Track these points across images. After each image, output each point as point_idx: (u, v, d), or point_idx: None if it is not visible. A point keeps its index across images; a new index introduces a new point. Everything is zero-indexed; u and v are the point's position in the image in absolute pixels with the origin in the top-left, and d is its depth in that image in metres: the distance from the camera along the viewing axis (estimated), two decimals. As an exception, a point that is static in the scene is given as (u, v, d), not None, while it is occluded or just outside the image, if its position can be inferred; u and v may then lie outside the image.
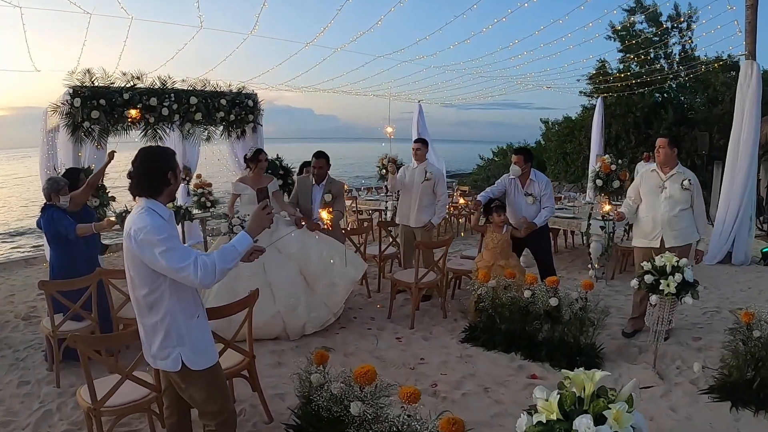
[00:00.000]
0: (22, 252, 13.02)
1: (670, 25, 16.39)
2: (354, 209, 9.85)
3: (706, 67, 13.70)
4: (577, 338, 4.07)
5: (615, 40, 17.09)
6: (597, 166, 6.58)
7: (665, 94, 16.74)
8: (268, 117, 7.72)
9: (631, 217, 4.76)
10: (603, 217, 5.96)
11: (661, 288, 3.64)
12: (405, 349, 4.44)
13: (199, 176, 8.33)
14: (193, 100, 6.34)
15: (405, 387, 2.37)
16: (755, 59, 7.10)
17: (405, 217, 5.86)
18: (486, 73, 10.11)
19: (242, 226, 4.43)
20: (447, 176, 10.21)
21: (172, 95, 6.18)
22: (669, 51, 16.95)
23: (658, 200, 4.48)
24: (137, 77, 6.02)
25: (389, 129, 5.50)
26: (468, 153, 31.86)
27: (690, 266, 3.70)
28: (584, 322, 4.04)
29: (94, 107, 5.60)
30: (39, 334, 4.68)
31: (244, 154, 5.69)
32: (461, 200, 5.69)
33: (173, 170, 2.33)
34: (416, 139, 6.25)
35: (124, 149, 5.00)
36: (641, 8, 16.36)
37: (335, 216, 5.25)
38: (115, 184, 5.62)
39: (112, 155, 5.01)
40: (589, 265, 6.61)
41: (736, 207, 7.15)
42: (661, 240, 4.45)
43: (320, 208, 5.00)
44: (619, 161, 6.43)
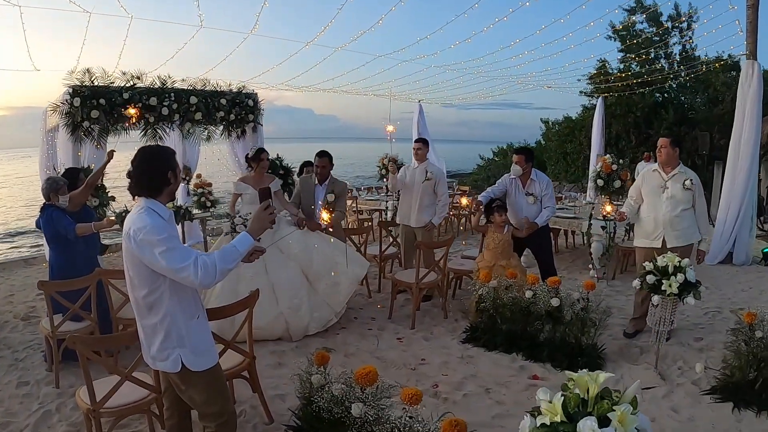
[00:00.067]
0: (22, 252, 13.01)
1: (670, 25, 16.38)
2: (354, 209, 9.84)
3: (707, 66, 13.71)
4: (578, 339, 4.06)
5: (615, 40, 17.10)
6: (598, 166, 6.58)
7: (666, 94, 16.74)
8: (268, 117, 7.72)
9: (633, 218, 4.74)
10: (604, 217, 5.95)
11: (663, 288, 3.63)
12: (406, 350, 4.43)
13: (199, 176, 8.31)
14: (193, 99, 6.34)
15: (407, 388, 2.35)
16: (756, 59, 7.10)
17: (406, 217, 5.85)
18: (487, 73, 10.11)
19: (245, 226, 4.41)
20: (447, 176, 10.18)
21: (172, 95, 6.18)
22: (669, 51, 16.95)
23: (660, 200, 4.47)
24: (137, 77, 6.02)
25: (390, 127, 5.47)
26: (468, 153, 31.84)
27: (692, 266, 3.69)
28: (586, 323, 4.03)
29: (94, 107, 5.60)
30: (38, 334, 4.66)
31: (246, 154, 5.68)
32: (463, 200, 5.65)
33: (173, 170, 2.31)
34: (417, 138, 6.23)
35: (124, 149, 4.99)
36: (642, 8, 16.35)
37: (337, 216, 5.23)
38: (115, 183, 5.62)
39: (111, 155, 5.00)
40: (590, 265, 6.60)
41: (737, 207, 7.15)
42: (663, 240, 4.44)
43: (322, 208, 4.98)
44: (620, 161, 6.43)
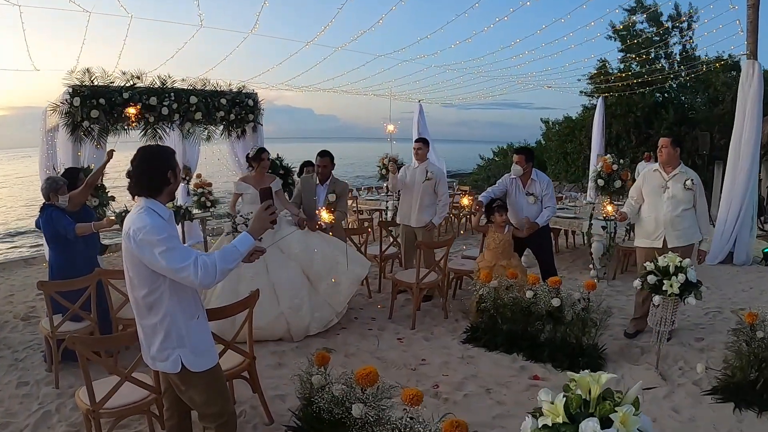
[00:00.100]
0: (22, 252, 13.00)
1: (670, 24, 16.38)
2: (355, 209, 9.83)
3: (707, 66, 13.70)
4: (579, 339, 4.05)
5: (616, 40, 17.10)
6: (598, 166, 6.57)
7: (666, 94, 16.74)
8: (268, 116, 7.71)
9: (634, 218, 4.73)
10: (604, 217, 5.94)
11: (664, 288, 3.62)
12: (406, 350, 4.42)
13: (199, 176, 8.31)
14: (193, 99, 6.33)
15: (407, 389, 2.34)
16: (757, 59, 7.09)
17: (406, 217, 5.84)
18: (487, 73, 10.11)
19: (246, 226, 4.40)
20: (447, 176, 10.17)
21: (171, 94, 6.17)
22: (670, 51, 16.94)
23: (661, 200, 4.46)
24: (137, 76, 6.01)
25: (390, 127, 5.45)
26: (468, 153, 31.84)
27: (692, 266, 3.68)
28: (586, 323, 4.02)
29: (94, 106, 5.59)
30: (38, 334, 4.66)
31: (246, 154, 5.66)
32: (464, 200, 5.63)
33: (173, 169, 2.30)
34: (417, 138, 6.22)
35: (124, 148, 4.98)
36: (642, 8, 16.35)
37: (338, 216, 5.22)
38: (115, 183, 5.61)
39: (111, 154, 5.00)
40: (591, 265, 6.60)
41: (738, 207, 7.14)
42: (664, 240, 4.44)
43: (323, 207, 4.97)
44: (620, 161, 6.43)
